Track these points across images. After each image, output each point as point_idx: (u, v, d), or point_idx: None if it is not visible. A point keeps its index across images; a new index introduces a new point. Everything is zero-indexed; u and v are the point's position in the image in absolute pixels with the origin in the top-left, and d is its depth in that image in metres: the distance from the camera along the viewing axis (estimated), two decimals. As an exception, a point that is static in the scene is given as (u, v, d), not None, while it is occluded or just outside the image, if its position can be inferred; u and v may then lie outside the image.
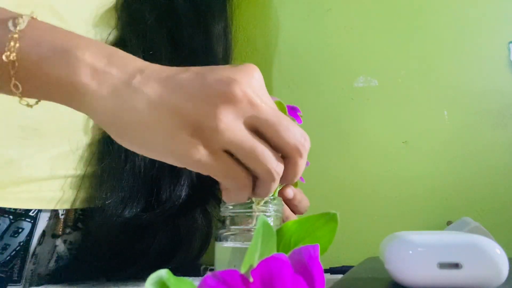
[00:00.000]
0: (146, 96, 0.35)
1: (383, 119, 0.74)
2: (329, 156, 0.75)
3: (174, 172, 0.61)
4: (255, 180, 0.38)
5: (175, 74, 0.36)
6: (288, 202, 0.56)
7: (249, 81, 0.35)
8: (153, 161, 0.60)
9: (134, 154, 0.59)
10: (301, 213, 0.57)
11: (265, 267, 0.24)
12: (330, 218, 0.33)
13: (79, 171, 0.61)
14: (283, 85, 0.79)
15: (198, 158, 0.35)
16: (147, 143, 0.36)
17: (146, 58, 0.39)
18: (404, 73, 0.75)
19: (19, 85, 0.37)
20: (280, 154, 0.37)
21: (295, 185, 0.56)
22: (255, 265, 0.24)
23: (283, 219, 0.55)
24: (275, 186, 0.37)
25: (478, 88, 0.72)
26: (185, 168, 0.37)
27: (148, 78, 0.36)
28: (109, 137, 0.59)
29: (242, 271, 0.26)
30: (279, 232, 0.33)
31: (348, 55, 0.77)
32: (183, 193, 0.61)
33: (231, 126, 0.34)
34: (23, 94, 0.38)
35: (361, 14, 0.77)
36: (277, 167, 0.36)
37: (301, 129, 0.37)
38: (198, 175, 0.63)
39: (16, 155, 0.56)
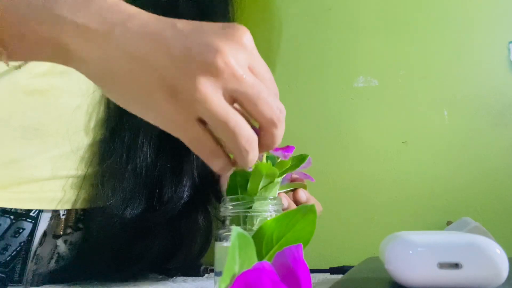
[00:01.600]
0: (126, 50, 0.34)
1: (383, 119, 0.74)
2: (329, 156, 0.75)
3: (176, 173, 0.61)
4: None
5: (160, 30, 0.35)
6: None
7: (235, 51, 0.34)
8: (155, 162, 0.60)
9: (136, 155, 0.59)
10: None
11: (242, 281, 0.23)
12: (308, 210, 0.33)
13: (80, 172, 0.60)
14: (283, 85, 0.79)
15: (171, 121, 0.35)
16: (128, 98, 0.36)
17: None
18: (404, 73, 0.75)
19: (2, 50, 0.36)
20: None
21: (304, 187, 0.56)
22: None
23: None
24: (248, 161, 0.37)
25: (478, 88, 0.72)
26: (187, 169, 0.37)
27: (130, 31, 0.35)
28: (110, 137, 0.59)
29: (222, 287, 0.26)
30: (260, 231, 0.33)
31: (348, 55, 0.77)
32: (185, 194, 0.61)
33: (208, 96, 0.33)
34: (8, 58, 0.37)
35: (361, 14, 0.77)
36: (247, 144, 0.36)
37: (278, 102, 0.37)
38: (200, 175, 0.64)
39: (18, 155, 0.56)
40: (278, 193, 0.53)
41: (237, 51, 0.34)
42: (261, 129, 0.37)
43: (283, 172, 0.46)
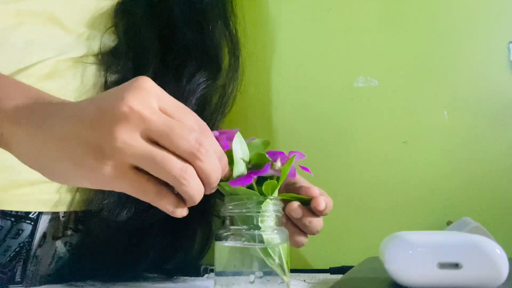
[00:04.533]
0: (54, 134, 0.38)
1: (383, 119, 0.74)
2: (329, 156, 0.75)
3: None
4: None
5: (76, 108, 0.39)
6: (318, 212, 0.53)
7: (137, 95, 0.36)
8: None
9: None
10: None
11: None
12: None
13: None
14: (282, 85, 0.79)
15: (107, 180, 0.37)
16: (64, 176, 0.39)
17: (136, 59, 0.38)
18: (404, 73, 0.75)
19: None
20: None
21: (309, 202, 0.52)
22: None
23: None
24: (192, 190, 0.38)
25: (478, 88, 0.72)
26: None
27: (56, 118, 0.39)
28: None
29: None
30: None
31: (348, 55, 0.77)
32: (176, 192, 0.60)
33: (128, 141, 0.36)
34: None
35: (361, 14, 0.77)
36: (182, 171, 0.37)
37: (196, 134, 0.37)
38: None
39: (16, 158, 0.56)
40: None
41: (141, 95, 0.37)
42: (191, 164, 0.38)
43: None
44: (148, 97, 0.37)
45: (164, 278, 0.62)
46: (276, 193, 0.46)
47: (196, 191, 0.38)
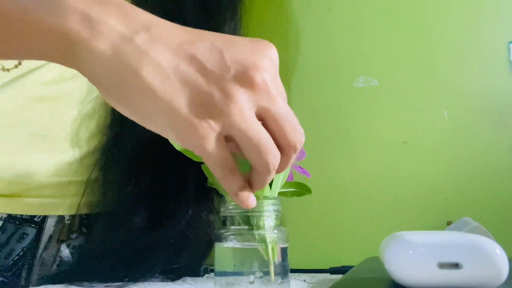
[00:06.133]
0: (154, 60, 0.31)
1: (383, 119, 0.74)
2: (329, 156, 0.75)
3: (180, 186, 0.60)
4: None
5: (189, 41, 0.32)
6: None
7: (269, 66, 0.33)
8: (158, 174, 0.59)
9: (140, 165, 0.58)
10: None
11: None
12: None
13: (84, 177, 0.60)
14: (283, 85, 0.78)
15: (196, 139, 0.32)
16: (147, 113, 0.32)
17: None
18: (404, 73, 0.75)
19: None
20: None
21: (309, 191, 0.51)
22: None
23: None
24: (270, 179, 0.36)
25: (478, 88, 0.72)
26: (190, 181, 0.37)
27: (156, 39, 0.31)
28: (113, 144, 0.57)
29: None
30: None
31: (348, 55, 0.77)
32: (190, 206, 0.59)
33: (243, 112, 0.32)
34: (6, 54, 0.34)
35: (361, 14, 0.77)
36: (275, 161, 0.35)
37: (301, 128, 0.36)
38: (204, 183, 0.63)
39: (24, 162, 0.56)
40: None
41: (271, 66, 0.34)
42: (281, 152, 0.36)
43: None
44: (275, 71, 0.34)
45: (164, 278, 0.62)
46: (276, 193, 0.46)
47: (268, 182, 0.36)
